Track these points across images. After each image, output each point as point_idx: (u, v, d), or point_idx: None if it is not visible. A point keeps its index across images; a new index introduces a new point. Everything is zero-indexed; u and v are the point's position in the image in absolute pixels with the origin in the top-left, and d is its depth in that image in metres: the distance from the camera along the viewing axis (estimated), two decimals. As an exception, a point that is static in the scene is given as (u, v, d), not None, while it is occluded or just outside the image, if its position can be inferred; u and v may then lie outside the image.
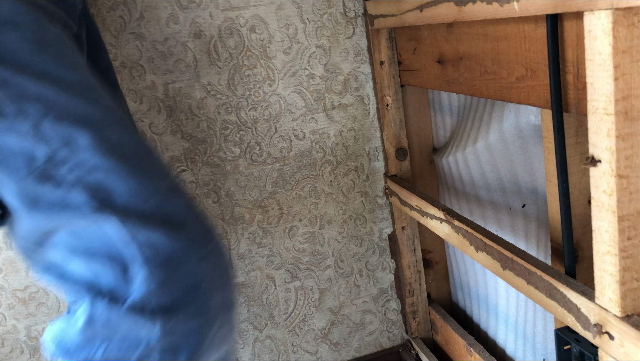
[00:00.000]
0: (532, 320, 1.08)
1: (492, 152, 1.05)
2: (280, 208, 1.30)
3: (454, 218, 0.98)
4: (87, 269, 0.63)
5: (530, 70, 0.76)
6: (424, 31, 1.04)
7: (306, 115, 1.27)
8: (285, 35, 1.22)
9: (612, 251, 0.62)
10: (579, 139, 0.77)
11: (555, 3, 0.61)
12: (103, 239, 0.62)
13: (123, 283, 0.62)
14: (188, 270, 0.63)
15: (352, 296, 1.41)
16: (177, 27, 1.15)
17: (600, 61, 0.56)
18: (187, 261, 0.63)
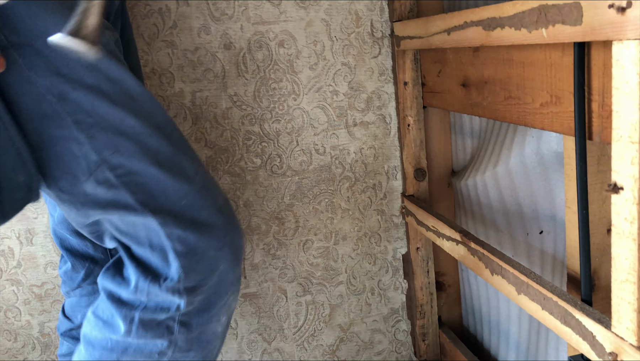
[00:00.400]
0: (544, 347, 1.08)
1: (512, 177, 1.06)
2: (297, 220, 1.31)
3: (470, 240, 0.99)
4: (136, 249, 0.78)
5: (555, 97, 0.77)
6: (450, 54, 1.06)
7: (328, 130, 1.29)
8: (312, 51, 1.24)
9: (631, 280, 0.62)
10: (601, 167, 0.78)
11: (584, 32, 0.62)
12: (147, 230, 0.75)
13: (162, 267, 0.77)
14: (209, 259, 0.78)
15: (362, 314, 1.41)
16: (208, 38, 1.18)
17: (627, 89, 0.57)
18: (208, 252, 0.78)
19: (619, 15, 0.56)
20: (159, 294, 0.77)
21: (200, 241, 0.77)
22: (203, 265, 0.78)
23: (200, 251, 0.77)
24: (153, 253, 0.77)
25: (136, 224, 0.75)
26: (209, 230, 0.78)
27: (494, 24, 0.79)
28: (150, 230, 0.75)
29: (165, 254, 0.76)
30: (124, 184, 0.72)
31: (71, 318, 1.07)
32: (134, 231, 0.76)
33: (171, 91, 1.18)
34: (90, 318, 0.83)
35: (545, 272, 1.05)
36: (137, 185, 0.73)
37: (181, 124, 1.19)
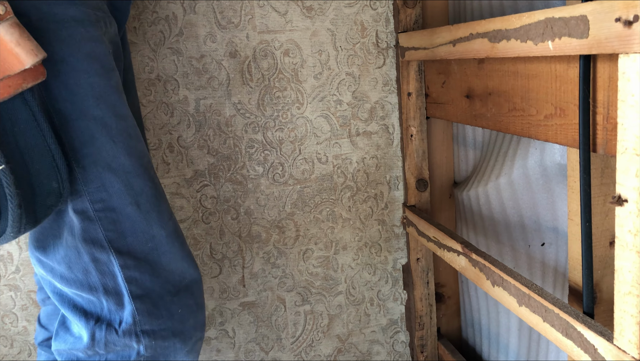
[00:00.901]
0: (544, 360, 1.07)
1: (514, 189, 1.06)
2: (297, 229, 1.31)
3: (472, 251, 0.99)
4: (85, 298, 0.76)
5: (560, 109, 0.78)
6: (454, 66, 1.07)
7: (331, 140, 1.29)
8: (317, 60, 1.25)
9: (634, 292, 0.62)
10: (604, 180, 0.78)
11: (591, 45, 0.62)
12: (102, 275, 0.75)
13: (115, 311, 0.76)
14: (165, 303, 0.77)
15: (361, 325, 1.40)
16: (213, 46, 1.18)
17: (632, 102, 0.57)
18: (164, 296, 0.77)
19: (625, 28, 0.56)
20: (118, 341, 0.76)
21: (156, 285, 0.77)
22: (159, 309, 0.77)
23: (155, 295, 0.77)
24: (107, 298, 0.76)
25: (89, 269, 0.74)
26: (165, 275, 0.78)
27: (500, 36, 0.80)
28: (105, 274, 0.74)
29: (120, 298, 0.76)
30: (99, 219, 0.72)
31: (47, 327, 1.05)
32: (84, 278, 0.75)
33: (175, 97, 1.18)
34: None
35: (547, 284, 1.04)
36: (111, 222, 0.73)
37: (185, 131, 1.20)
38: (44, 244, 0.75)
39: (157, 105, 1.17)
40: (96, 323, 0.76)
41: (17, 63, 0.59)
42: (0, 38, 0.58)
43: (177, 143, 1.20)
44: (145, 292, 0.76)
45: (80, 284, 0.75)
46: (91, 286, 0.75)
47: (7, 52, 0.58)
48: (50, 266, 0.75)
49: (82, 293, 0.76)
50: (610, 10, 0.58)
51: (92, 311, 0.77)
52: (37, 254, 0.76)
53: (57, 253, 0.74)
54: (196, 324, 0.82)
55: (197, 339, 0.83)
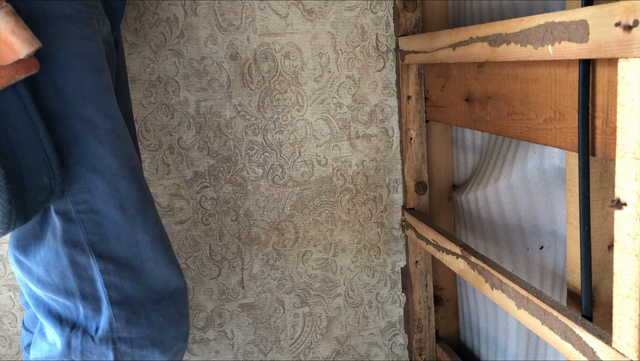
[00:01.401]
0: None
1: (513, 193, 1.06)
2: (297, 231, 1.31)
3: (471, 254, 0.99)
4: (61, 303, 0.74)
5: (559, 113, 0.78)
6: (454, 69, 1.07)
7: (330, 142, 1.29)
8: (317, 63, 1.25)
9: (633, 295, 0.62)
10: (603, 184, 0.79)
11: (590, 49, 0.63)
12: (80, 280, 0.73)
13: (92, 317, 0.74)
14: (146, 311, 0.75)
15: (359, 327, 1.40)
16: (214, 48, 1.19)
17: (632, 106, 0.58)
18: (145, 304, 0.75)
19: (625, 33, 0.57)
20: (94, 349, 0.74)
21: (137, 292, 0.75)
22: (139, 317, 0.75)
23: (135, 302, 0.75)
24: (84, 304, 0.73)
25: (67, 273, 0.72)
26: (148, 282, 0.76)
27: (500, 40, 0.80)
28: (83, 279, 0.72)
29: (98, 303, 0.73)
30: (81, 221, 0.70)
31: (32, 330, 1.02)
32: (61, 283, 0.73)
33: (176, 99, 1.18)
34: None
35: (545, 287, 1.05)
36: (93, 224, 0.71)
37: (185, 133, 1.20)
38: (25, 244, 0.73)
39: (158, 106, 1.18)
40: (72, 330, 0.74)
41: (11, 53, 0.57)
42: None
43: (177, 145, 1.20)
44: (124, 298, 0.74)
45: (57, 288, 0.73)
46: (68, 291, 0.73)
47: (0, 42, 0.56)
48: (28, 268, 0.73)
49: (58, 297, 0.74)
50: (610, 14, 0.59)
51: (68, 317, 0.75)
52: (17, 254, 0.74)
53: (37, 254, 0.72)
54: (178, 334, 0.80)
55: (177, 349, 0.81)
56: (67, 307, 0.74)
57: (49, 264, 0.72)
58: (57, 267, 0.72)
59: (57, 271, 0.72)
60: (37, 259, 0.72)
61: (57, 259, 0.72)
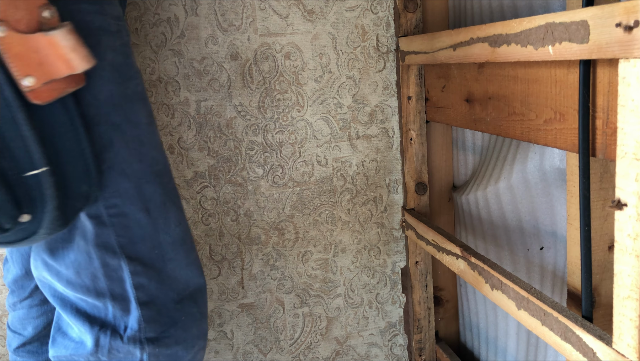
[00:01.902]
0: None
1: (513, 193, 1.06)
2: (297, 231, 1.31)
3: (471, 255, 0.99)
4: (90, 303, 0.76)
5: (559, 113, 0.78)
6: (454, 70, 1.07)
7: (331, 142, 1.29)
8: (318, 64, 1.25)
9: (633, 296, 0.62)
10: (603, 184, 0.79)
11: (591, 50, 0.63)
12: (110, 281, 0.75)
13: (120, 317, 0.76)
14: (169, 311, 0.78)
15: (359, 328, 1.40)
16: (215, 48, 1.19)
17: (632, 107, 0.58)
18: (168, 304, 0.78)
19: (626, 34, 0.57)
20: (121, 348, 0.76)
21: (160, 292, 0.77)
22: (163, 316, 0.78)
23: (159, 302, 0.77)
24: (114, 304, 0.76)
25: (97, 275, 0.74)
26: (169, 283, 0.78)
27: (501, 40, 0.80)
28: (113, 280, 0.75)
29: (127, 304, 0.76)
30: (112, 225, 0.72)
31: (21, 332, 1.03)
32: (92, 284, 0.75)
33: (176, 99, 1.18)
34: None
35: (545, 288, 1.05)
36: (123, 227, 0.73)
37: (185, 133, 1.20)
38: (53, 247, 0.75)
39: (158, 106, 1.18)
40: (101, 328, 0.76)
41: (66, 69, 0.60)
42: (56, 43, 0.59)
43: (177, 144, 1.20)
44: (151, 299, 0.76)
45: (87, 289, 0.75)
46: (98, 292, 0.75)
47: (57, 56, 0.59)
48: (56, 270, 0.75)
49: (88, 298, 0.76)
50: (611, 15, 0.59)
51: (97, 316, 0.77)
52: (44, 257, 0.76)
53: (67, 257, 0.74)
54: (199, 333, 0.82)
55: (199, 348, 0.83)
56: (96, 307, 0.77)
57: (80, 267, 0.74)
58: (89, 269, 0.74)
59: (88, 273, 0.74)
60: (66, 262, 0.74)
61: (89, 261, 0.74)
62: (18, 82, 0.58)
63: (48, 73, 0.59)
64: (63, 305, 0.78)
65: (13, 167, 0.60)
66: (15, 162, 0.60)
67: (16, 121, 0.59)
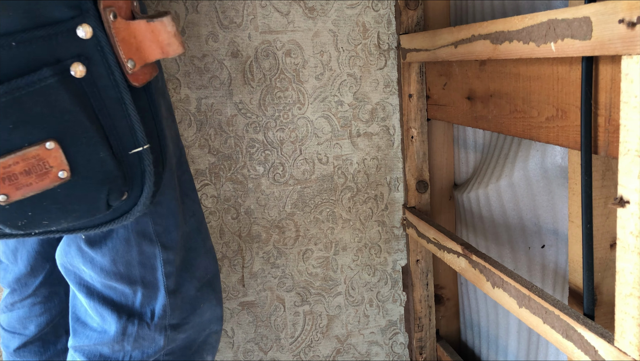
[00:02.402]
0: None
1: (515, 191, 1.06)
2: (297, 230, 1.31)
3: (472, 253, 0.99)
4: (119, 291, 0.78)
5: (561, 111, 0.78)
6: (456, 67, 1.07)
7: (331, 140, 1.29)
8: (319, 61, 1.25)
9: (636, 294, 0.62)
10: (605, 182, 0.78)
11: (594, 46, 0.63)
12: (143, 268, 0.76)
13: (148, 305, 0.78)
14: (190, 298, 0.80)
15: (360, 326, 1.40)
16: (215, 45, 1.18)
17: (635, 103, 0.57)
18: (189, 291, 0.80)
19: (629, 30, 0.56)
20: (147, 336, 0.78)
21: (184, 280, 0.80)
22: (186, 304, 0.81)
23: (183, 290, 0.80)
24: (144, 291, 0.77)
25: (132, 262, 0.76)
26: (192, 270, 0.81)
27: (502, 37, 0.80)
28: (146, 267, 0.76)
29: (155, 292, 0.78)
30: (150, 213, 0.75)
31: (21, 332, 1.00)
32: (125, 271, 0.76)
33: (177, 97, 1.18)
34: None
35: (546, 286, 1.05)
36: (159, 216, 0.76)
37: (186, 130, 1.20)
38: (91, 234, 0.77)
39: (159, 104, 1.17)
40: (128, 318, 0.78)
41: (160, 52, 0.62)
42: (160, 29, 0.61)
43: (178, 142, 1.20)
44: (177, 287, 0.79)
45: (120, 276, 0.77)
46: (131, 279, 0.77)
47: (153, 41, 0.62)
48: (90, 257, 0.76)
49: (119, 285, 0.77)
50: (614, 11, 0.59)
51: (123, 304, 0.78)
52: (81, 244, 0.76)
53: (104, 245, 0.76)
54: (212, 317, 0.85)
55: (211, 331, 0.86)
56: (124, 294, 0.78)
57: (117, 254, 0.76)
58: (125, 257, 0.76)
59: (124, 261, 0.76)
60: (103, 250, 0.75)
61: (128, 249, 0.75)
62: (124, 65, 0.60)
63: (144, 57, 0.62)
64: (89, 294, 0.79)
65: (119, 146, 0.63)
66: (120, 141, 0.62)
67: (124, 100, 0.61)
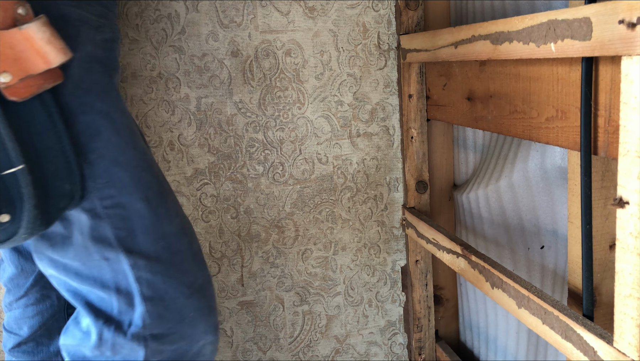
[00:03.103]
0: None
1: (514, 192, 1.06)
2: (297, 229, 1.31)
3: (471, 253, 0.99)
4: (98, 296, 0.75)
5: (561, 111, 0.78)
6: (456, 68, 1.07)
7: (331, 140, 1.29)
8: (319, 61, 1.25)
9: (635, 295, 0.62)
10: (605, 183, 0.78)
11: (593, 47, 0.62)
12: (115, 273, 0.73)
13: (125, 312, 0.73)
14: (177, 306, 0.75)
15: (359, 326, 1.40)
16: (215, 44, 1.18)
17: (635, 104, 0.57)
18: (177, 299, 0.75)
19: (629, 30, 0.56)
20: (125, 344, 0.74)
21: (170, 286, 0.74)
22: (172, 312, 0.75)
23: (168, 297, 0.75)
24: (119, 297, 0.74)
25: (102, 266, 0.72)
26: (179, 276, 0.75)
27: (502, 38, 0.80)
28: (118, 272, 0.72)
29: (131, 298, 0.73)
30: (108, 217, 0.70)
31: (17, 332, 1.01)
32: (99, 274, 0.73)
33: (177, 95, 1.18)
34: None
35: (546, 287, 1.05)
36: (121, 219, 0.71)
37: (185, 130, 1.20)
38: (54, 243, 0.74)
39: (159, 103, 1.17)
40: (105, 322, 0.74)
41: (42, 63, 0.58)
42: (30, 36, 0.58)
43: (177, 141, 1.20)
44: (157, 294, 0.74)
45: (94, 280, 0.74)
46: (104, 284, 0.73)
47: (32, 50, 0.58)
48: (63, 265, 0.74)
49: (95, 289, 0.74)
50: (614, 12, 0.58)
51: (103, 309, 0.75)
52: (48, 254, 0.74)
53: (68, 252, 0.73)
54: (206, 328, 0.80)
55: (205, 342, 0.81)
56: (103, 299, 0.75)
57: (82, 260, 0.73)
58: (90, 262, 0.72)
59: (92, 265, 0.73)
60: (70, 256, 0.73)
61: (89, 255, 0.72)
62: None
63: (24, 69, 0.58)
64: (75, 297, 0.77)
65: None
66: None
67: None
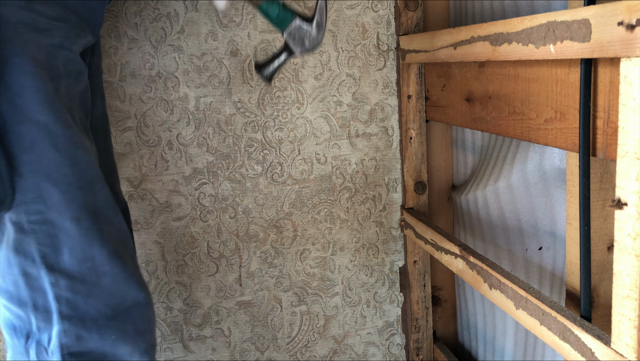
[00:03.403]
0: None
1: (513, 193, 1.06)
2: (295, 229, 1.31)
3: (469, 254, 0.99)
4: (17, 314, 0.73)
5: (560, 113, 0.78)
6: (455, 69, 1.07)
7: (330, 140, 1.29)
8: (318, 61, 1.25)
9: (633, 296, 0.62)
10: (603, 184, 0.78)
11: (592, 48, 0.63)
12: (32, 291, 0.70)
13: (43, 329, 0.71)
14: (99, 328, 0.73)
15: (357, 326, 1.40)
16: (215, 44, 1.18)
17: (634, 105, 0.57)
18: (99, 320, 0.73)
19: (628, 32, 0.57)
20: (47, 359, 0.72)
21: (91, 307, 0.72)
22: (90, 333, 0.73)
23: (88, 318, 0.72)
24: (36, 315, 0.71)
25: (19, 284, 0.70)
26: (104, 298, 0.73)
27: (502, 39, 0.80)
28: (36, 290, 0.70)
29: (49, 316, 0.71)
30: (33, 232, 0.68)
31: None
32: (15, 291, 0.71)
33: (176, 95, 1.18)
34: None
35: (543, 288, 1.05)
36: (47, 236, 0.69)
37: (184, 129, 1.19)
38: None
39: (157, 102, 1.17)
40: (27, 340, 0.72)
41: None
42: None
43: (176, 140, 1.20)
44: (76, 314, 0.71)
45: (11, 296, 0.71)
46: (21, 300, 0.71)
47: None
48: None
49: (12, 305, 0.72)
50: (613, 14, 0.59)
51: (22, 328, 0.73)
52: None
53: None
54: (133, 350, 0.77)
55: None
56: (20, 317, 0.73)
57: (3, 272, 0.71)
58: (10, 275, 0.70)
59: (11, 279, 0.70)
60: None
61: (9, 267, 0.70)
62: None
63: None
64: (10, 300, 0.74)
65: None
66: None
67: None
